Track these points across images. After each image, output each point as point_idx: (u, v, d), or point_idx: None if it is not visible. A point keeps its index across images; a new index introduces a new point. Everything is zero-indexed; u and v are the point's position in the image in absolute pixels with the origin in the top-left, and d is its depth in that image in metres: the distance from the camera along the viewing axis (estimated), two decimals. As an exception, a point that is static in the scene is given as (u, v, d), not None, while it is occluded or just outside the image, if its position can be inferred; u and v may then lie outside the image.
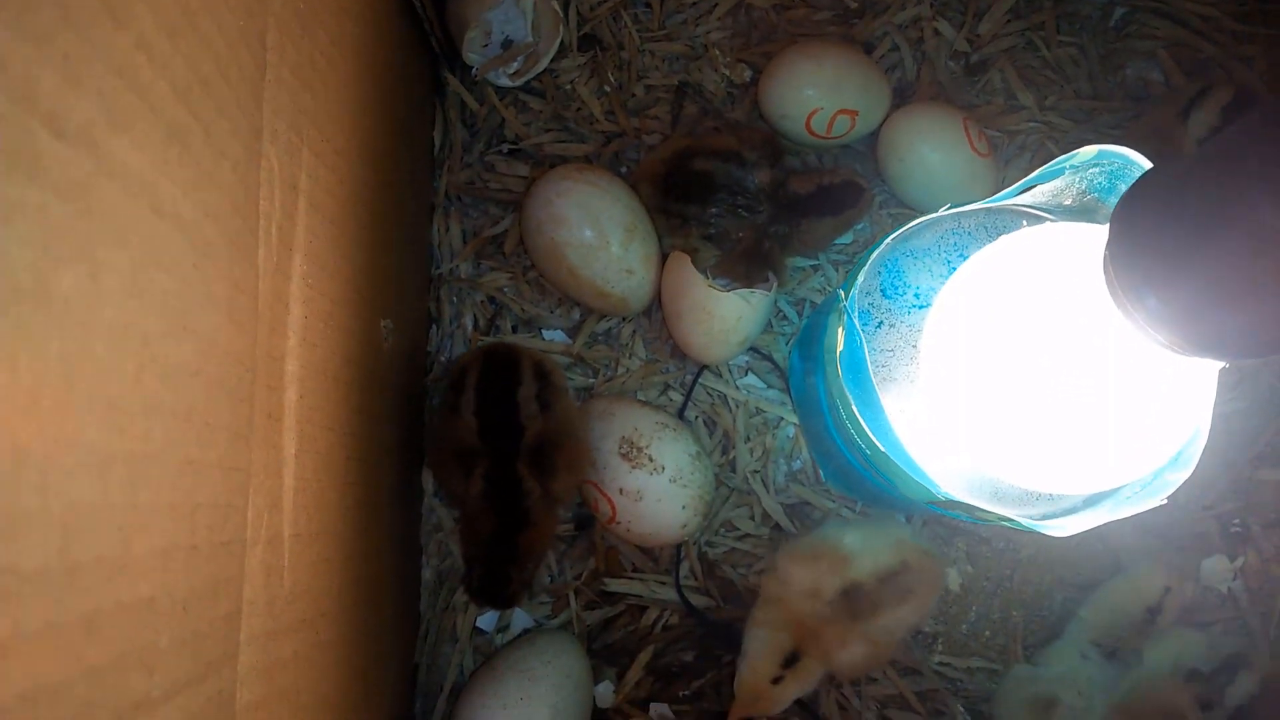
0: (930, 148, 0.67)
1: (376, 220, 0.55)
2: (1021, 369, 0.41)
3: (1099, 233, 0.37)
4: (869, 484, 0.60)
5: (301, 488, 0.43)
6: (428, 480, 0.67)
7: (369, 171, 0.54)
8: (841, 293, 0.44)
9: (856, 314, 0.46)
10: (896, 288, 0.51)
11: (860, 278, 0.46)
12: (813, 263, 0.70)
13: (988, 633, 0.67)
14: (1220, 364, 0.38)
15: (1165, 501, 0.43)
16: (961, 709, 0.65)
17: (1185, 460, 0.43)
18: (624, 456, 0.62)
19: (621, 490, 0.62)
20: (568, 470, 0.58)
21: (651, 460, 0.62)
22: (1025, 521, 0.43)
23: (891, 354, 0.50)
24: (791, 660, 0.59)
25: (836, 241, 0.70)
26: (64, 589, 0.21)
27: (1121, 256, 0.34)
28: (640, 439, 0.62)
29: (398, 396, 0.61)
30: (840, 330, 0.45)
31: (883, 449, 0.44)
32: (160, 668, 0.27)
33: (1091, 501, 0.48)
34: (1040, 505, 0.48)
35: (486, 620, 0.67)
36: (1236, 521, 0.67)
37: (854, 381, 0.46)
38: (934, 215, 0.47)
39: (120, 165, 0.23)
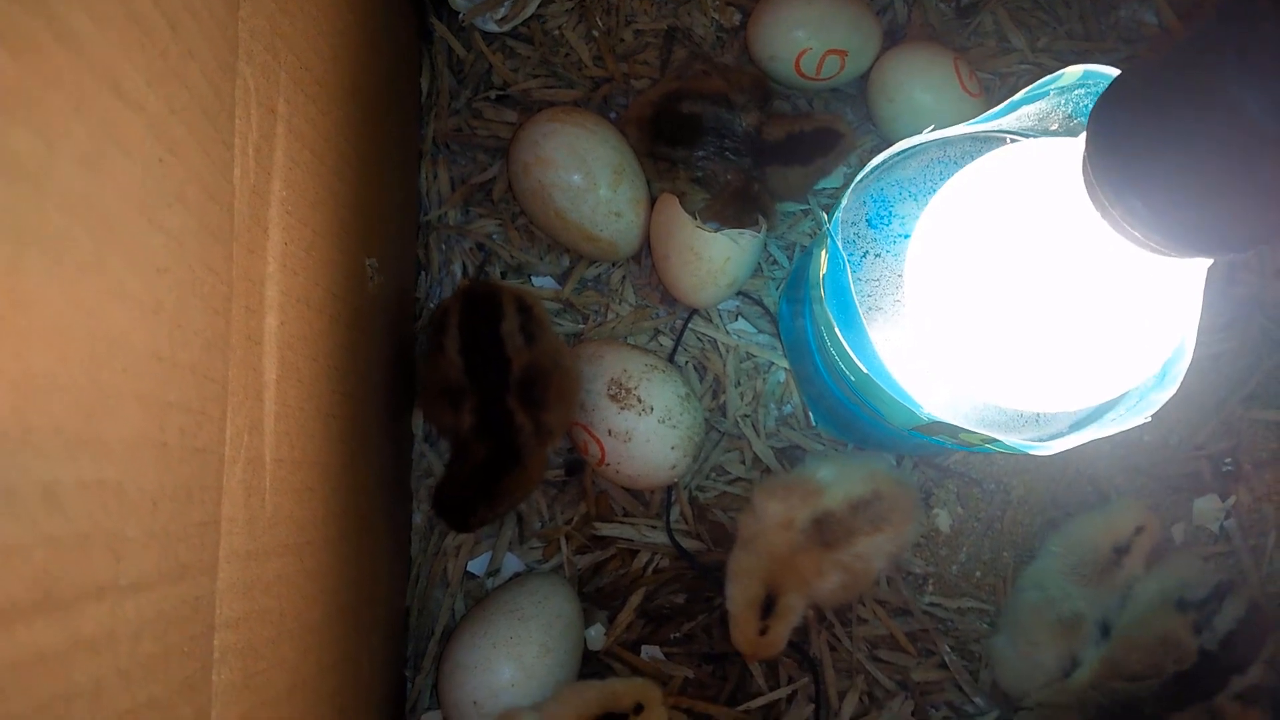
0: (921, 89, 0.66)
1: (361, 158, 0.55)
2: (1006, 288, 0.41)
3: (1077, 143, 0.37)
4: (859, 424, 0.60)
5: (284, 414, 0.43)
6: (418, 425, 0.67)
7: (352, 107, 0.53)
8: (824, 217, 0.44)
9: (840, 239, 0.46)
10: (882, 218, 0.51)
11: (844, 201, 0.46)
12: (802, 207, 0.70)
13: (978, 573, 0.67)
14: (1206, 261, 0.37)
15: (1149, 419, 0.43)
16: (949, 649, 0.65)
17: (1169, 379, 0.43)
18: (612, 398, 0.62)
19: (610, 431, 0.61)
20: (559, 401, 0.58)
21: (640, 401, 0.61)
22: (1009, 441, 0.43)
23: (877, 284, 0.50)
24: (769, 606, 0.58)
25: (825, 185, 0.69)
26: (18, 452, 0.21)
27: (1101, 159, 0.33)
28: (629, 380, 0.62)
29: (386, 340, 0.61)
30: (824, 254, 0.45)
31: (866, 371, 0.44)
32: (128, 557, 0.27)
33: (1077, 425, 0.47)
34: (1026, 430, 0.48)
35: (478, 564, 0.67)
36: (1228, 460, 0.67)
37: (838, 305, 0.46)
38: (918, 138, 0.46)
39: (74, 34, 0.23)
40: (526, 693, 0.59)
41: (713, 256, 0.63)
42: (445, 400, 0.57)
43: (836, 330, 0.44)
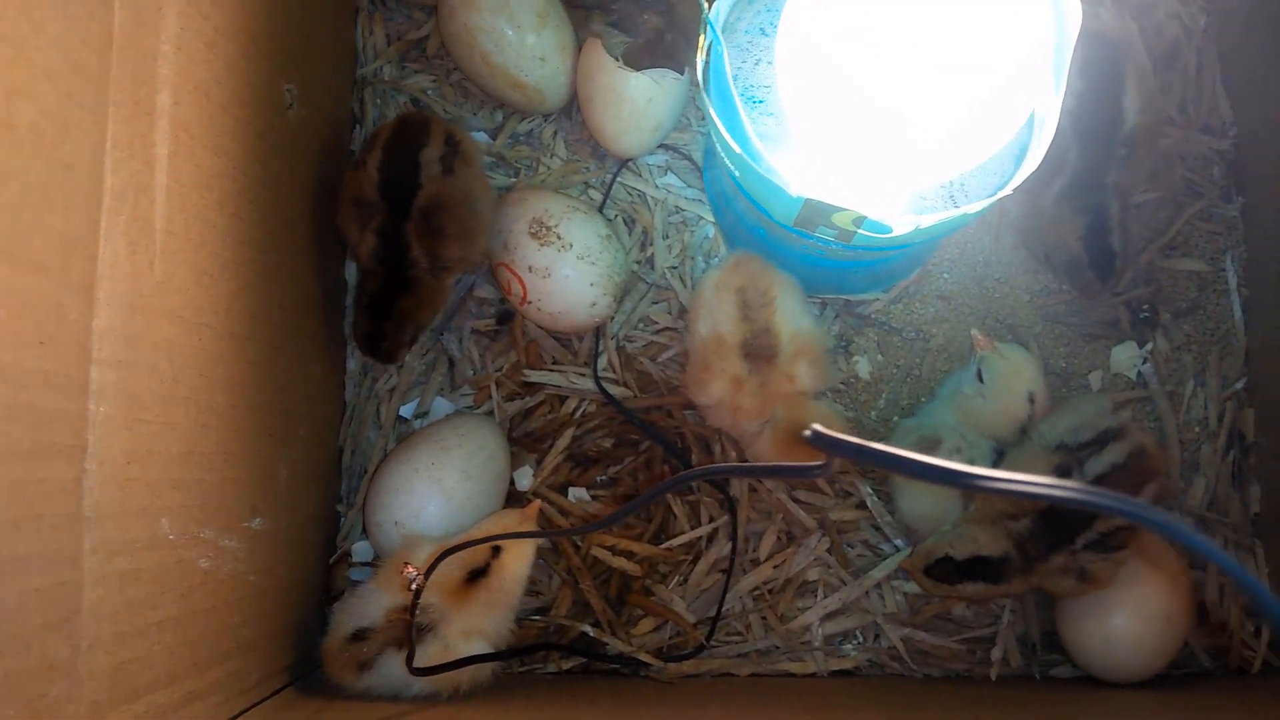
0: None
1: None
2: (867, 56, 0.42)
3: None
4: (771, 257, 0.62)
5: (177, 190, 0.45)
6: (351, 272, 0.69)
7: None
8: (704, 3, 0.45)
9: (721, 26, 0.47)
10: (776, 27, 0.52)
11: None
12: (732, 63, 0.71)
13: (896, 418, 0.68)
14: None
15: (1011, 193, 0.44)
16: (869, 490, 0.66)
17: (1031, 157, 0.44)
18: (533, 235, 0.63)
19: (531, 268, 0.63)
20: (459, 238, 0.59)
21: (560, 238, 0.63)
22: (875, 218, 0.44)
23: (769, 90, 0.51)
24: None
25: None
26: None
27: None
28: (550, 219, 0.63)
29: (312, 179, 0.62)
30: (703, 40, 0.46)
31: (739, 151, 0.45)
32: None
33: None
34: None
35: (409, 408, 0.69)
36: (1145, 308, 0.67)
37: (717, 93, 0.47)
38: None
39: None
40: (446, 515, 0.61)
41: (635, 98, 0.64)
42: (355, 212, 0.59)
43: (712, 111, 0.45)
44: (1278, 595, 0.64)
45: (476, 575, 0.55)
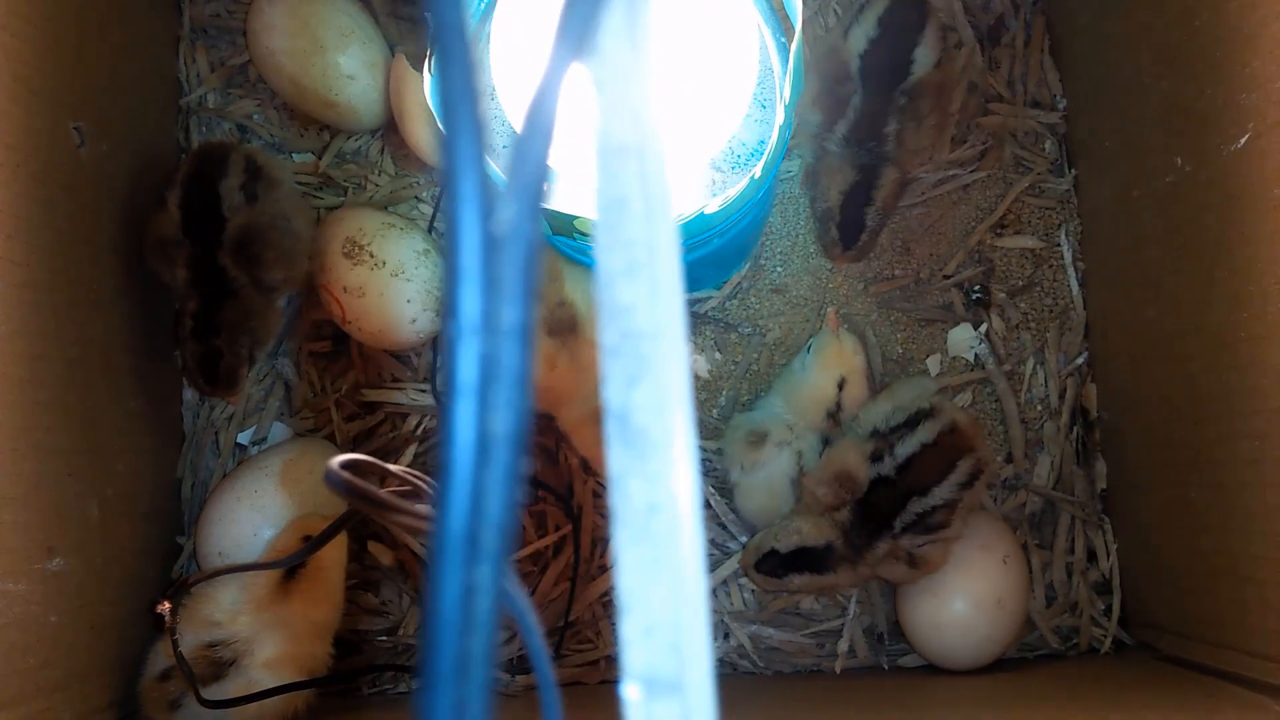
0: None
1: (50, 19, 0.55)
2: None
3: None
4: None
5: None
6: (180, 302, 0.68)
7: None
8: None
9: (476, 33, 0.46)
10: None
11: None
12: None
13: (736, 415, 0.67)
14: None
15: (755, 177, 0.43)
16: (711, 489, 0.66)
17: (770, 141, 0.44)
18: (346, 255, 0.62)
19: (345, 288, 0.62)
20: (280, 261, 0.59)
21: (372, 257, 0.62)
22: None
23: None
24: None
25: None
26: None
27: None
28: (363, 238, 0.63)
29: (123, 218, 0.62)
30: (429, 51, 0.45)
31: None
32: None
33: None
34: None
35: (246, 435, 0.68)
36: (977, 289, 0.67)
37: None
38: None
39: None
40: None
41: (443, 112, 0.63)
42: (161, 253, 0.58)
43: (436, 117, 0.45)
44: (1123, 569, 0.64)
45: (294, 571, 0.55)
